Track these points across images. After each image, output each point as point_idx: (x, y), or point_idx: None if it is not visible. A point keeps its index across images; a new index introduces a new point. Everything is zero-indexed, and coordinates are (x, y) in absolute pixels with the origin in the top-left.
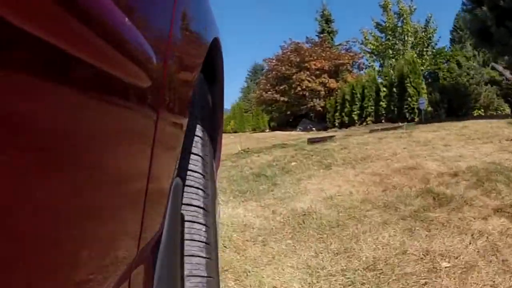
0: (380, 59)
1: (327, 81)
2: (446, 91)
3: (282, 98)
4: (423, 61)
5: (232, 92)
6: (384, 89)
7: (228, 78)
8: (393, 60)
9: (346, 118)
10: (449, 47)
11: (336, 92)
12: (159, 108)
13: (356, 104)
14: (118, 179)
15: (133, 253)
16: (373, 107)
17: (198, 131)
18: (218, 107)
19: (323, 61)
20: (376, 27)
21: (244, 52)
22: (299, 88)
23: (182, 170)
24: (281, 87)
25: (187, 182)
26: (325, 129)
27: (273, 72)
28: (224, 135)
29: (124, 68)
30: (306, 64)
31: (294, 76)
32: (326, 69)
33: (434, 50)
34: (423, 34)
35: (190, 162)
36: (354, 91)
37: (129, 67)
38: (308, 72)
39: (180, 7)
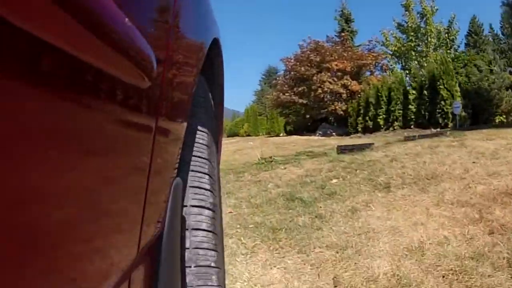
0: (402, 61)
1: (349, 83)
2: (470, 96)
3: (300, 101)
4: None
5: (246, 95)
6: (413, 91)
7: (241, 81)
8: (416, 62)
9: (370, 123)
10: (464, 52)
11: (359, 95)
12: (158, 108)
13: (382, 108)
14: (118, 179)
15: (133, 253)
16: (401, 111)
17: (199, 131)
18: (218, 107)
19: (345, 61)
20: (398, 28)
21: (258, 54)
22: (319, 90)
23: (183, 170)
24: (299, 89)
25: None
26: (347, 134)
27: (292, 73)
28: (237, 139)
29: (124, 68)
30: (327, 65)
31: (314, 77)
32: (348, 70)
33: (457, 53)
34: (446, 35)
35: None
36: (379, 94)
37: (128, 67)
38: (329, 73)
39: (180, 7)
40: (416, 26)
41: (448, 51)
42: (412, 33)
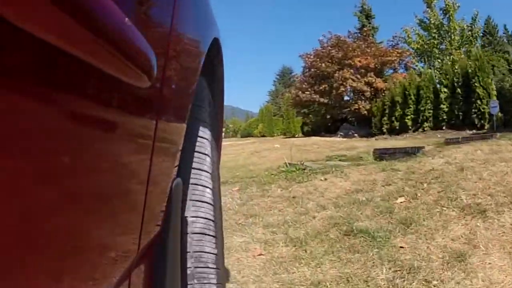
0: (425, 59)
1: (373, 80)
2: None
3: (321, 99)
4: None
5: (259, 96)
6: (445, 89)
7: (255, 81)
8: (439, 60)
9: (396, 124)
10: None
11: (383, 94)
12: (158, 108)
13: (410, 107)
14: (118, 179)
15: (133, 253)
16: (431, 111)
17: (199, 130)
18: (218, 107)
19: (368, 57)
20: (419, 25)
21: (272, 55)
22: (342, 88)
23: (184, 170)
24: (320, 87)
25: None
26: (371, 135)
27: (311, 70)
28: (253, 139)
29: (123, 68)
30: (350, 61)
31: (335, 74)
32: (371, 66)
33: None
34: (469, 33)
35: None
36: (407, 92)
37: (128, 67)
38: (351, 70)
39: (180, 7)
40: (439, 23)
41: (471, 49)
42: (434, 30)
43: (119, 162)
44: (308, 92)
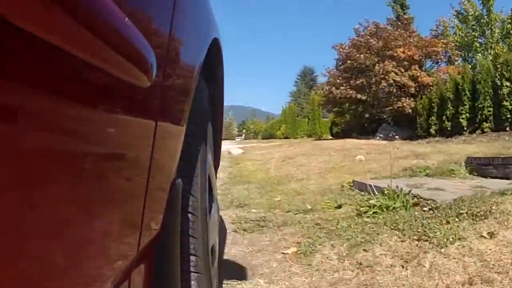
0: (465, 53)
1: (418, 74)
2: None
3: (358, 96)
4: None
5: (280, 97)
6: (507, 83)
7: (276, 82)
8: (479, 55)
9: (447, 124)
10: None
11: (429, 90)
12: (158, 108)
13: (465, 105)
14: (118, 180)
15: (133, 253)
16: (491, 109)
17: (199, 130)
18: (217, 107)
19: (412, 48)
20: (457, 17)
21: (293, 54)
22: (383, 83)
23: (185, 170)
24: (357, 82)
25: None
26: (416, 137)
27: (347, 62)
28: (278, 141)
29: (123, 68)
30: (391, 52)
31: (376, 67)
32: (416, 58)
33: None
34: (509, 25)
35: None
36: (460, 87)
37: (128, 66)
38: (393, 62)
39: (180, 7)
40: (478, 14)
41: None
42: (473, 22)
43: (119, 162)
44: (343, 87)
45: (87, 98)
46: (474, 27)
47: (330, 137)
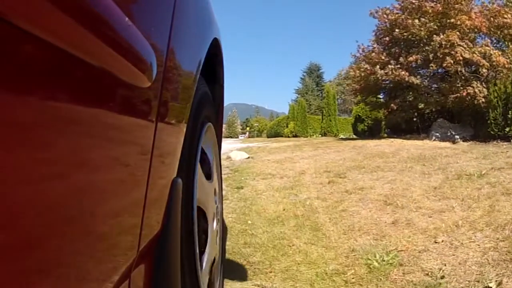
0: None
1: (490, 51)
2: None
3: (412, 79)
4: None
5: (284, 95)
6: None
7: (279, 80)
8: None
9: None
10: None
11: (501, 74)
12: (158, 108)
13: None
14: (118, 180)
15: (133, 253)
16: None
17: (199, 130)
18: (218, 107)
19: (480, 17)
20: None
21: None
22: (448, 60)
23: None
24: (409, 59)
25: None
26: (484, 138)
27: (395, 32)
28: (290, 141)
29: (124, 68)
30: (453, 20)
31: (437, 38)
32: (484, 31)
33: None
34: None
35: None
36: None
37: (128, 66)
38: (458, 33)
39: (180, 7)
40: None
41: None
42: None
43: (119, 162)
44: (391, 67)
45: (87, 98)
46: None
47: (355, 137)
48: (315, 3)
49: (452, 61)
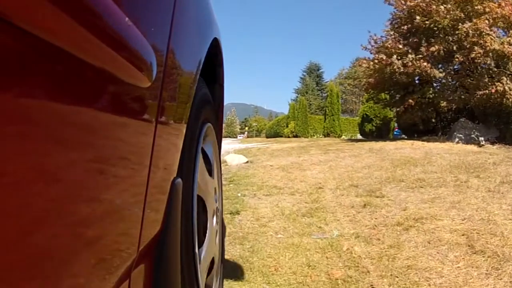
0: None
1: None
2: None
3: (434, 72)
4: None
5: (283, 95)
6: None
7: (279, 81)
8: None
9: None
10: None
11: None
12: (158, 108)
13: None
14: (118, 180)
15: (134, 253)
16: None
17: (199, 129)
18: (218, 106)
19: (509, 5)
20: None
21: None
22: (477, 50)
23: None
24: (431, 49)
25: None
26: None
27: (415, 20)
28: (291, 142)
29: (124, 68)
30: (480, 7)
31: (463, 26)
32: None
33: None
34: None
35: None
36: None
37: (128, 66)
38: (486, 21)
39: (180, 7)
40: None
41: None
42: None
43: (119, 162)
44: (411, 57)
45: (87, 98)
46: None
47: (360, 137)
48: (315, 3)
49: (481, 51)
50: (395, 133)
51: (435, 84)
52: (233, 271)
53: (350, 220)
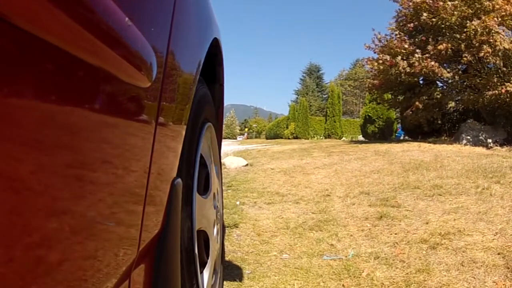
0: None
1: None
2: None
3: (442, 72)
4: None
5: (283, 97)
6: None
7: (278, 82)
8: None
9: None
10: None
11: None
12: (158, 108)
13: None
14: (118, 180)
15: (133, 253)
16: None
17: (199, 130)
18: (218, 107)
19: None
20: None
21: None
22: (486, 49)
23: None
24: (438, 47)
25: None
26: None
27: (422, 17)
28: (293, 144)
29: (124, 68)
30: (489, 3)
31: (471, 23)
32: None
33: None
34: None
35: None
36: None
37: (128, 67)
38: (495, 18)
39: (180, 7)
40: None
41: None
42: None
43: (119, 162)
44: (418, 55)
45: (87, 98)
46: None
47: (362, 139)
48: (315, 3)
49: (490, 50)
50: (397, 134)
51: (440, 85)
52: None
53: (365, 235)
